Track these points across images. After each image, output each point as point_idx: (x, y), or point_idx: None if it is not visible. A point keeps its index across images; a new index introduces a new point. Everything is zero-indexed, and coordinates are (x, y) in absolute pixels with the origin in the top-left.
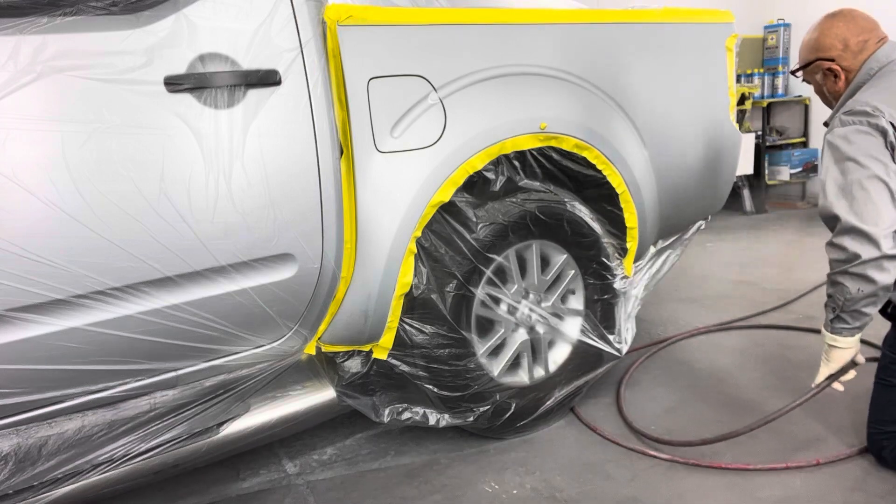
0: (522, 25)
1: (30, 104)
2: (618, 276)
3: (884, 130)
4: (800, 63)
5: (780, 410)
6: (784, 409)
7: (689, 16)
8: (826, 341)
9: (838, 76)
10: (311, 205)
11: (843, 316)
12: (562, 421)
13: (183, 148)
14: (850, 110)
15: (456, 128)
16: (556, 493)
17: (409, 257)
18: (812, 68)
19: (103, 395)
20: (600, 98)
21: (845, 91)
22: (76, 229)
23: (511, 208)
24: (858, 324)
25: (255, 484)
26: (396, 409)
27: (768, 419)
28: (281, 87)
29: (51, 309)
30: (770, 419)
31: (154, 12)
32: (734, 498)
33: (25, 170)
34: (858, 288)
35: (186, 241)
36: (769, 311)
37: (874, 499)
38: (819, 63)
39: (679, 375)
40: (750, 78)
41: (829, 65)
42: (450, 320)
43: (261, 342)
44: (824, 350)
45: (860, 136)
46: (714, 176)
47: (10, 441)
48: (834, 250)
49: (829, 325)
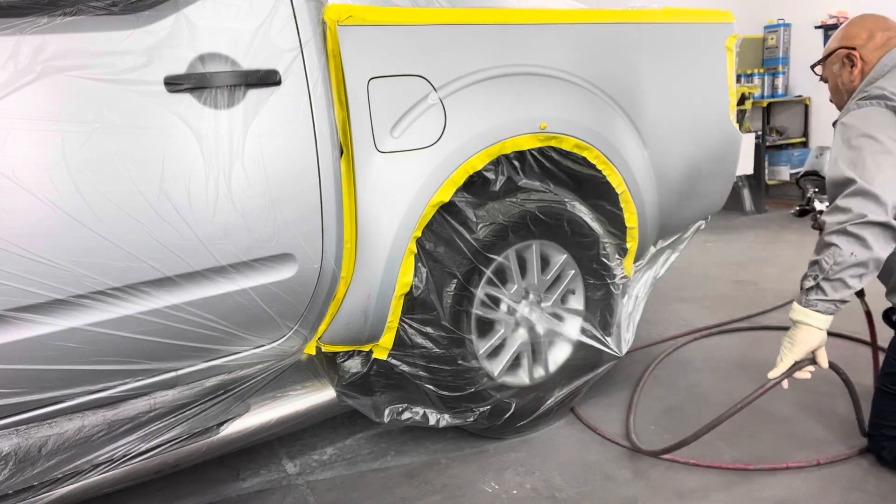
0: (522, 25)
1: (30, 104)
2: (618, 276)
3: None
4: (823, 55)
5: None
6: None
7: (689, 16)
8: (794, 318)
9: (855, 65)
10: (311, 205)
11: (823, 285)
12: (562, 421)
13: (183, 148)
14: (867, 95)
15: (456, 128)
16: (556, 493)
17: (409, 257)
18: (833, 58)
19: (103, 395)
20: (600, 98)
21: (859, 86)
22: (76, 229)
23: (511, 208)
24: (837, 297)
25: (255, 484)
26: (396, 409)
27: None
28: (281, 87)
29: (51, 309)
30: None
31: (154, 12)
32: (734, 498)
33: (25, 170)
34: (852, 251)
35: (186, 241)
36: (769, 311)
37: (874, 499)
38: (840, 51)
39: (679, 375)
40: (750, 78)
41: (849, 52)
42: (449, 320)
43: (261, 342)
44: (788, 333)
45: (876, 116)
46: (714, 176)
47: (10, 441)
48: (836, 212)
49: (802, 298)
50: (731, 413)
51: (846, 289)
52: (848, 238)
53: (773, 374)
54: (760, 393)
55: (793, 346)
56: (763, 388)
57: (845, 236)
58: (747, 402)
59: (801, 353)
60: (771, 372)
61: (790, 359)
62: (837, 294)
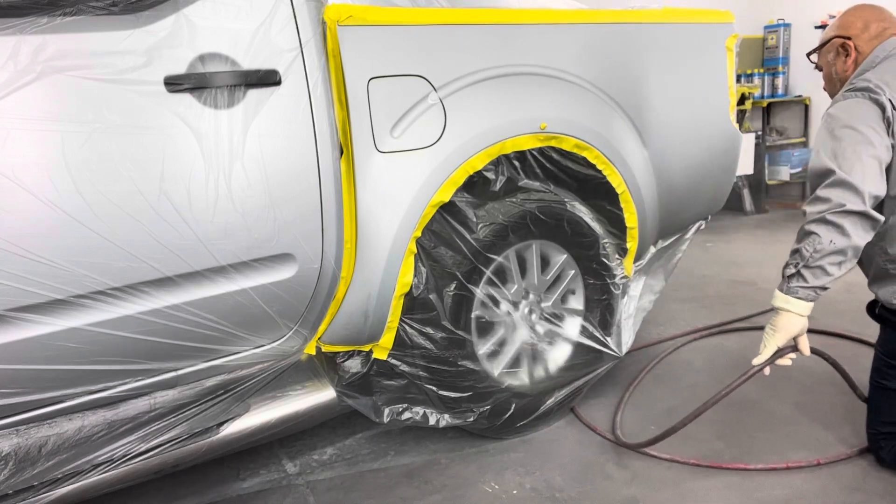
0: (522, 25)
1: (30, 104)
2: (618, 276)
3: (882, 105)
4: (818, 44)
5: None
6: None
7: (689, 16)
8: (776, 305)
9: (849, 54)
10: (311, 205)
11: (803, 272)
12: (562, 421)
13: (183, 148)
14: (853, 87)
15: (456, 128)
16: (556, 493)
17: (409, 257)
18: (828, 46)
19: (103, 395)
20: (600, 98)
21: (851, 76)
22: (76, 229)
23: (511, 208)
24: (818, 283)
25: (255, 484)
26: (396, 409)
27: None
28: (281, 87)
29: (51, 309)
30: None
31: (154, 12)
32: (734, 498)
33: (25, 170)
34: (831, 239)
35: (186, 241)
36: (769, 312)
37: (874, 498)
38: (836, 40)
39: (679, 375)
40: (750, 78)
41: (844, 41)
42: (449, 320)
43: (261, 342)
44: (770, 320)
45: (859, 107)
46: (714, 176)
47: (10, 441)
48: (816, 202)
49: (784, 285)
50: (715, 401)
51: (826, 276)
52: (827, 226)
53: (756, 361)
54: (744, 380)
55: (775, 332)
56: (746, 375)
57: (824, 225)
58: (731, 390)
59: (783, 339)
60: (755, 359)
61: (773, 345)
62: (818, 281)
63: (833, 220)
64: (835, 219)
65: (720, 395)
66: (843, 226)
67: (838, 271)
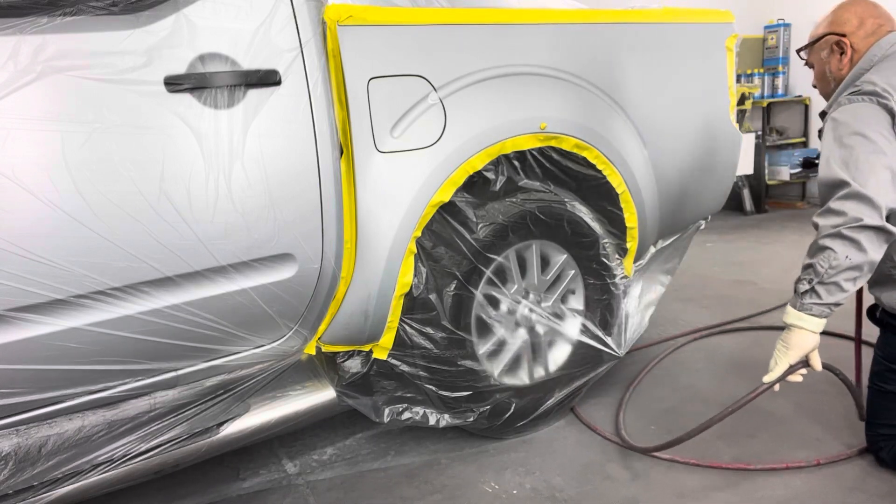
0: (522, 25)
1: (30, 104)
2: (618, 276)
3: (892, 111)
4: (809, 40)
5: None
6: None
7: (689, 16)
8: (788, 322)
9: (845, 53)
10: (311, 205)
11: (818, 289)
12: (562, 421)
13: (183, 148)
14: (859, 90)
15: (456, 128)
16: (556, 493)
17: (409, 257)
18: (821, 43)
19: (103, 395)
20: (600, 98)
21: (848, 75)
22: (76, 229)
23: (511, 208)
24: (832, 300)
25: (255, 484)
26: (396, 409)
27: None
28: (281, 87)
29: (51, 309)
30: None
31: (154, 12)
32: (734, 498)
33: (25, 170)
34: (847, 255)
35: (186, 241)
36: (769, 311)
37: (874, 499)
38: (829, 37)
39: (679, 376)
40: (750, 78)
41: (839, 39)
42: (449, 320)
43: (261, 342)
44: (782, 337)
45: (867, 112)
46: (714, 176)
47: (10, 441)
48: (830, 215)
49: (797, 302)
50: (724, 415)
51: (841, 292)
52: (843, 242)
53: (767, 379)
54: (753, 396)
55: (787, 349)
56: (756, 392)
57: (840, 240)
58: (740, 405)
59: (796, 357)
60: (766, 376)
61: (785, 362)
62: (832, 297)
63: (849, 234)
64: (851, 234)
65: (729, 411)
66: (859, 241)
67: (853, 287)
